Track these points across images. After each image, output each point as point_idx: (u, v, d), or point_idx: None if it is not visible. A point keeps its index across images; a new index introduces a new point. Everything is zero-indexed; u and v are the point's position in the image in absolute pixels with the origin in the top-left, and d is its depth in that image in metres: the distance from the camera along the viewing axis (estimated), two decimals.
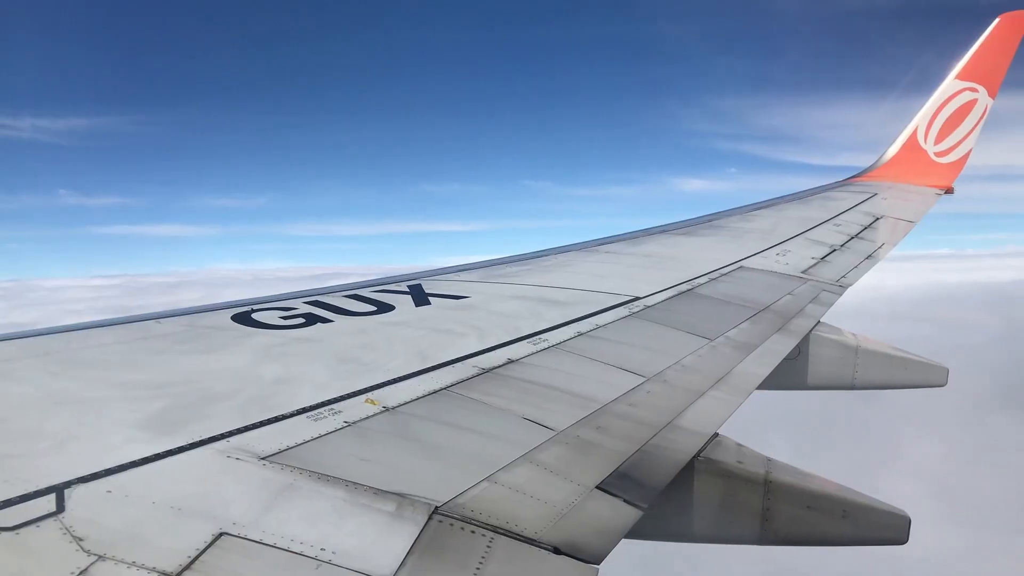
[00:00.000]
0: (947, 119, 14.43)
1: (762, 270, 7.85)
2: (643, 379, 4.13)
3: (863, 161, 15.65)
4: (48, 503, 2.18)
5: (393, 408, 3.30)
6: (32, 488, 2.24)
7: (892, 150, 15.16)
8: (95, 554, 1.97)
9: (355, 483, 2.57)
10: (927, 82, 14.78)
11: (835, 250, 9.26)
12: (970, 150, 14.45)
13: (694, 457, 3.46)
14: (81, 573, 1.89)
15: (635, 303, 5.77)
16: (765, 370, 4.74)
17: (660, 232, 9.78)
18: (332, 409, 3.19)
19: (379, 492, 2.53)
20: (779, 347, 5.31)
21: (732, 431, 3.84)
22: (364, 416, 3.17)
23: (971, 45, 14.33)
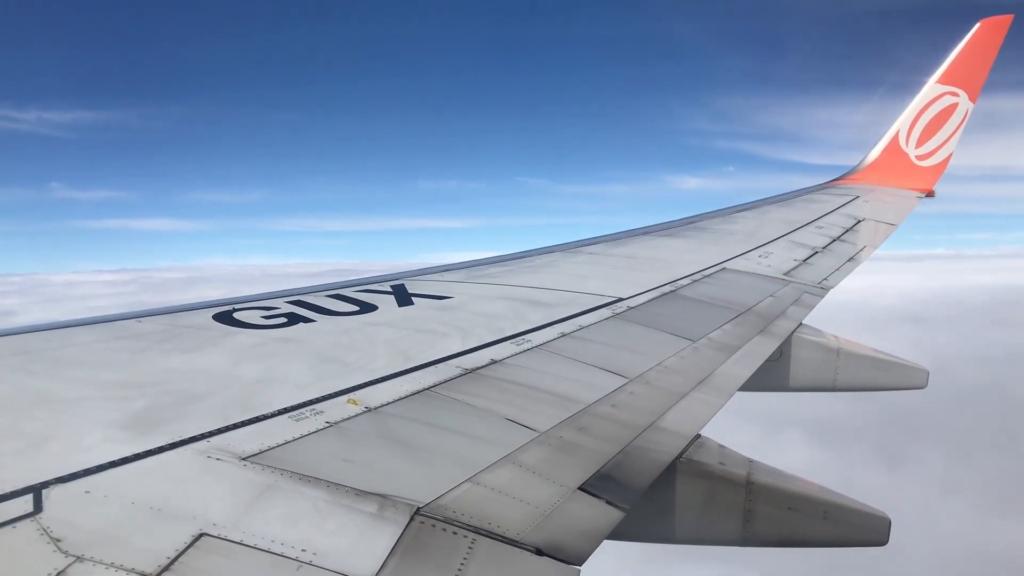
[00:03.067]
0: (928, 123, 14.57)
1: (745, 272, 7.89)
2: (626, 380, 4.14)
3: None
4: (25, 503, 2.15)
5: (375, 408, 3.29)
6: (9, 488, 2.21)
7: (874, 153, 15.29)
8: (73, 555, 1.95)
9: (337, 484, 2.56)
10: (922, 81, 14.85)
11: (817, 252, 9.32)
12: (951, 153, 14.61)
13: (676, 458, 3.47)
14: (59, 574, 1.87)
15: (618, 304, 5.78)
16: (747, 372, 4.77)
17: (643, 233, 9.81)
18: (314, 409, 3.17)
19: (361, 493, 2.52)
20: (761, 349, 5.34)
21: (714, 432, 3.86)
22: (346, 417, 3.16)
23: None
